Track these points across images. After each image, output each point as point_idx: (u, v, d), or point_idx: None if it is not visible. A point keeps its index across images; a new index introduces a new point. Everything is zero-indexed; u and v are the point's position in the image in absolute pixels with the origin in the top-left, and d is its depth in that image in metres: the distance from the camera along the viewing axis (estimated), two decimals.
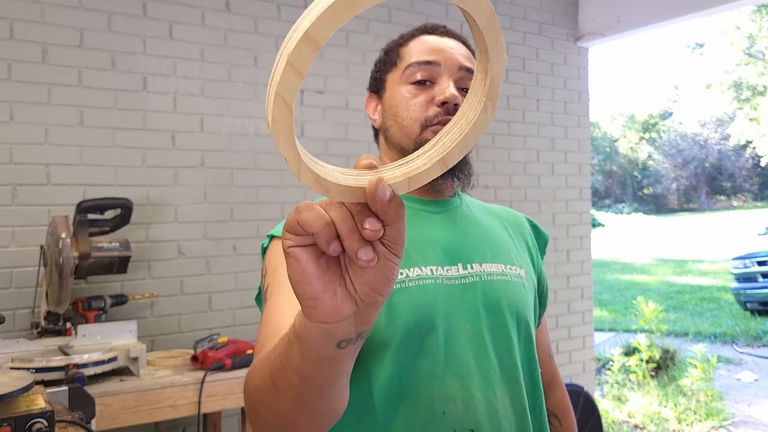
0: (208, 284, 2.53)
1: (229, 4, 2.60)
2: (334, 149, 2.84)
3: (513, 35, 3.43)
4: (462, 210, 0.98)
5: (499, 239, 0.97)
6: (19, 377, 1.07)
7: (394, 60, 0.97)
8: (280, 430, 0.63)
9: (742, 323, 7.32)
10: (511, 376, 0.87)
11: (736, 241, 12.04)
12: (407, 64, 0.94)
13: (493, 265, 0.92)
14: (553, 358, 1.12)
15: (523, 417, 0.86)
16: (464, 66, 0.93)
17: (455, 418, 0.81)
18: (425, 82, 0.92)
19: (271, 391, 0.61)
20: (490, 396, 0.83)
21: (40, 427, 0.97)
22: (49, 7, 2.24)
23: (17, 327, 2.16)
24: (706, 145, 34.33)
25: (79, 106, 2.29)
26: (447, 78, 0.91)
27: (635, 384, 4.76)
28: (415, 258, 0.87)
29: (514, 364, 0.88)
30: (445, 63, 0.92)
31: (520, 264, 0.96)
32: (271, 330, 0.76)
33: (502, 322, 0.88)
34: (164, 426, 2.39)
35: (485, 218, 1.00)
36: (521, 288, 0.93)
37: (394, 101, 0.95)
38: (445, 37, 0.96)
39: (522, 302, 0.92)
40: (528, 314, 0.92)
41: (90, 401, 1.36)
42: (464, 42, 0.98)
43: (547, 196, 3.55)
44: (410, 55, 0.94)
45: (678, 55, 41.54)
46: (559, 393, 1.10)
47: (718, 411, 4.23)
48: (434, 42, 0.94)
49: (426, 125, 0.91)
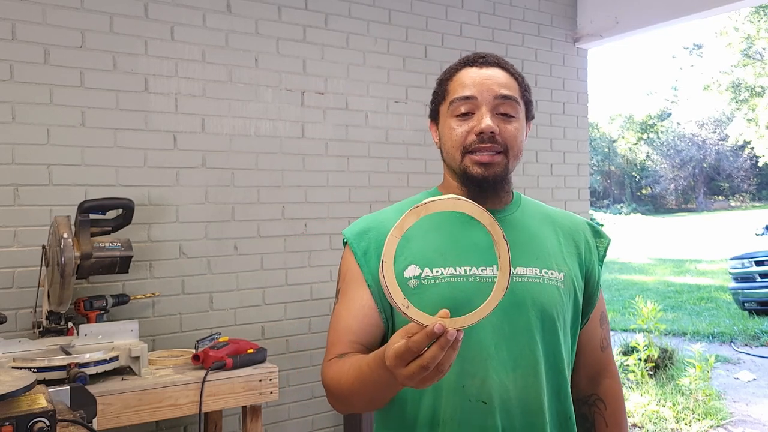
0: (210, 284, 2.54)
1: (230, 5, 2.61)
2: (334, 150, 2.85)
3: (512, 36, 3.44)
4: (511, 218, 1.13)
5: (542, 245, 1.12)
6: (20, 377, 1.07)
7: (443, 94, 1.13)
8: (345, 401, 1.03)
9: (740, 323, 7.33)
10: (527, 365, 1.03)
11: (734, 241, 12.03)
12: (451, 99, 1.09)
13: (527, 269, 1.07)
14: (608, 349, 1.22)
15: (535, 399, 1.03)
16: (500, 94, 1.07)
17: (472, 391, 1.01)
18: (467, 114, 1.07)
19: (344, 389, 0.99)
20: (504, 378, 1.02)
21: (42, 427, 0.97)
22: (51, 8, 2.25)
23: (19, 327, 2.16)
24: (705, 146, 34.36)
25: (81, 107, 2.30)
26: (485, 109, 1.06)
27: (634, 383, 4.77)
28: (452, 259, 1.05)
29: (533, 354, 1.04)
30: (482, 96, 1.06)
31: (560, 269, 1.10)
32: (336, 337, 1.08)
33: (525, 318, 1.04)
34: (165, 425, 2.39)
35: (536, 225, 1.15)
36: (554, 290, 1.08)
37: (444, 131, 1.12)
38: (484, 67, 1.10)
39: (550, 302, 1.06)
40: (555, 313, 1.07)
41: (92, 400, 1.36)
42: (503, 67, 1.11)
43: (545, 196, 3.56)
44: (454, 90, 1.10)
45: (676, 57, 41.59)
46: (609, 381, 1.20)
47: (717, 410, 4.24)
48: (473, 76, 1.09)
49: (465, 152, 1.07)
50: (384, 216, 1.14)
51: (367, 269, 1.08)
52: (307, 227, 2.77)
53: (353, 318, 1.07)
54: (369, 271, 1.08)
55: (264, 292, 2.67)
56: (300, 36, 2.77)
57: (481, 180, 1.06)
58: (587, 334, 1.18)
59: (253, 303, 2.63)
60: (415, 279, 1.04)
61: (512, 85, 1.09)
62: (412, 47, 3.07)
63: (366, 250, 1.09)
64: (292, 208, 2.74)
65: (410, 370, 0.78)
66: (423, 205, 0.81)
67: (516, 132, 1.07)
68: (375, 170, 2.96)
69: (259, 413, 2.03)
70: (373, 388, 0.92)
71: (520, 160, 1.11)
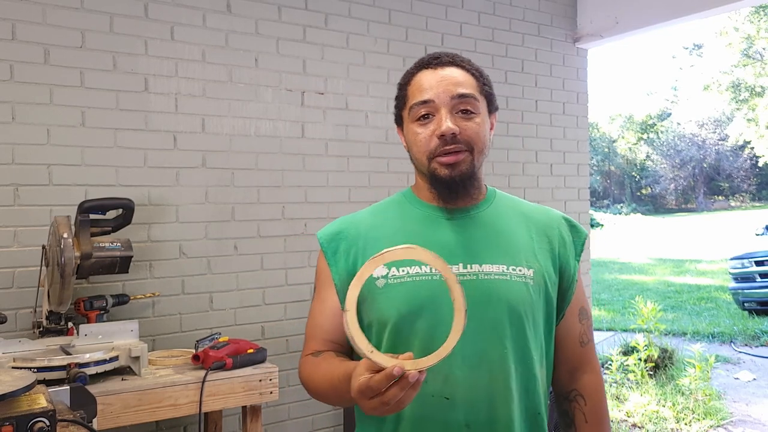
0: (210, 284, 2.54)
1: (230, 5, 2.61)
2: (334, 150, 2.85)
3: (512, 37, 3.44)
4: (482, 215, 1.14)
5: (512, 242, 1.12)
6: (20, 377, 1.07)
7: (404, 99, 1.14)
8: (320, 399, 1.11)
9: (740, 323, 7.33)
10: (493, 360, 1.05)
11: (734, 241, 12.04)
12: (410, 105, 1.10)
13: (494, 266, 1.08)
14: (589, 345, 1.21)
15: (501, 394, 1.05)
16: (457, 94, 1.07)
17: (435, 387, 1.03)
18: (428, 116, 1.08)
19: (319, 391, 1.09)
20: (468, 374, 1.04)
21: (42, 427, 0.97)
22: (51, 8, 2.25)
23: (19, 327, 2.16)
24: (705, 146, 34.36)
25: (81, 107, 2.30)
26: (444, 111, 1.07)
27: (634, 383, 4.77)
28: None
29: (499, 351, 1.05)
30: (439, 98, 1.07)
31: (529, 265, 1.10)
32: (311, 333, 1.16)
33: (492, 315, 1.05)
34: (165, 425, 2.39)
35: (508, 221, 1.15)
36: (521, 287, 1.08)
37: (408, 137, 1.13)
38: (439, 68, 1.10)
39: (517, 299, 1.07)
40: (523, 309, 1.07)
41: (91, 400, 1.36)
42: (458, 64, 1.11)
43: (545, 196, 3.56)
44: (413, 95, 1.11)
45: (676, 57, 41.58)
46: (589, 376, 1.20)
47: (717, 410, 4.24)
48: (429, 78, 1.09)
49: (431, 157, 1.08)
50: (357, 218, 1.19)
51: (335, 269, 1.13)
52: (307, 227, 2.77)
53: (325, 318, 1.14)
54: (337, 271, 1.13)
55: (264, 292, 2.67)
56: (300, 36, 2.78)
57: (449, 181, 1.08)
58: (565, 330, 1.18)
59: (253, 303, 2.63)
60: (383, 279, 1.08)
61: (469, 82, 1.10)
62: (412, 47, 3.07)
63: (336, 251, 1.14)
64: (292, 208, 2.74)
65: (372, 404, 0.85)
66: (380, 256, 0.89)
67: (478, 128, 1.08)
68: (375, 170, 2.96)
69: (259, 413, 2.03)
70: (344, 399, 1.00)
71: (486, 154, 1.12)
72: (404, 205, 1.18)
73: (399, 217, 1.16)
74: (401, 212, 1.16)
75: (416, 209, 1.15)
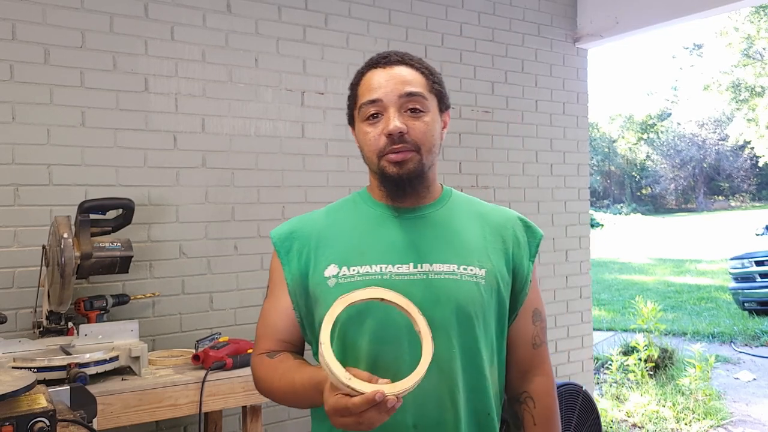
0: (210, 284, 2.54)
1: (230, 5, 2.61)
2: (334, 150, 2.85)
3: (512, 37, 3.44)
4: (435, 215, 1.14)
5: (464, 241, 1.12)
6: (21, 377, 1.08)
7: (354, 98, 1.15)
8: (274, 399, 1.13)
9: (740, 323, 7.33)
10: (441, 360, 1.03)
11: (734, 241, 12.04)
12: (360, 104, 1.12)
13: (444, 266, 1.08)
14: (542, 347, 1.20)
15: (449, 395, 1.05)
16: (405, 92, 1.08)
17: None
18: (377, 115, 1.09)
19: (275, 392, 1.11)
20: None
21: (42, 427, 0.97)
22: (51, 8, 2.25)
23: (19, 327, 2.16)
24: (705, 146, 34.37)
25: (81, 107, 2.30)
26: (392, 110, 1.07)
27: (634, 383, 4.77)
28: (370, 257, 1.08)
29: (448, 351, 1.05)
30: (387, 97, 1.08)
31: (481, 265, 1.10)
32: (264, 332, 1.17)
33: (440, 315, 1.05)
34: (165, 425, 2.39)
35: (461, 221, 1.15)
36: (472, 286, 1.08)
37: (359, 136, 1.14)
38: (388, 67, 1.11)
39: (467, 299, 1.07)
40: (473, 309, 1.07)
41: (92, 400, 1.36)
42: (407, 63, 1.11)
43: (545, 196, 3.56)
44: (362, 94, 1.12)
45: (676, 57, 41.59)
46: (540, 378, 1.19)
47: (717, 410, 4.24)
48: (378, 77, 1.10)
49: (381, 155, 1.08)
50: (311, 217, 1.20)
51: (288, 269, 1.14)
52: None
53: (278, 317, 1.16)
54: (289, 270, 1.14)
55: (264, 292, 2.66)
56: (300, 36, 2.78)
57: (397, 179, 1.08)
58: (517, 331, 1.17)
59: (253, 303, 2.63)
60: (334, 278, 1.08)
61: (418, 81, 1.10)
62: (412, 47, 3.07)
63: (289, 250, 1.15)
64: (292, 208, 2.74)
65: (345, 422, 0.89)
66: (348, 296, 0.96)
67: (426, 127, 1.08)
68: None
69: (259, 413, 2.03)
70: (305, 403, 1.05)
71: (436, 153, 1.12)
72: (358, 204, 1.18)
73: (352, 216, 1.17)
74: (355, 212, 1.17)
75: (369, 208, 1.16)
